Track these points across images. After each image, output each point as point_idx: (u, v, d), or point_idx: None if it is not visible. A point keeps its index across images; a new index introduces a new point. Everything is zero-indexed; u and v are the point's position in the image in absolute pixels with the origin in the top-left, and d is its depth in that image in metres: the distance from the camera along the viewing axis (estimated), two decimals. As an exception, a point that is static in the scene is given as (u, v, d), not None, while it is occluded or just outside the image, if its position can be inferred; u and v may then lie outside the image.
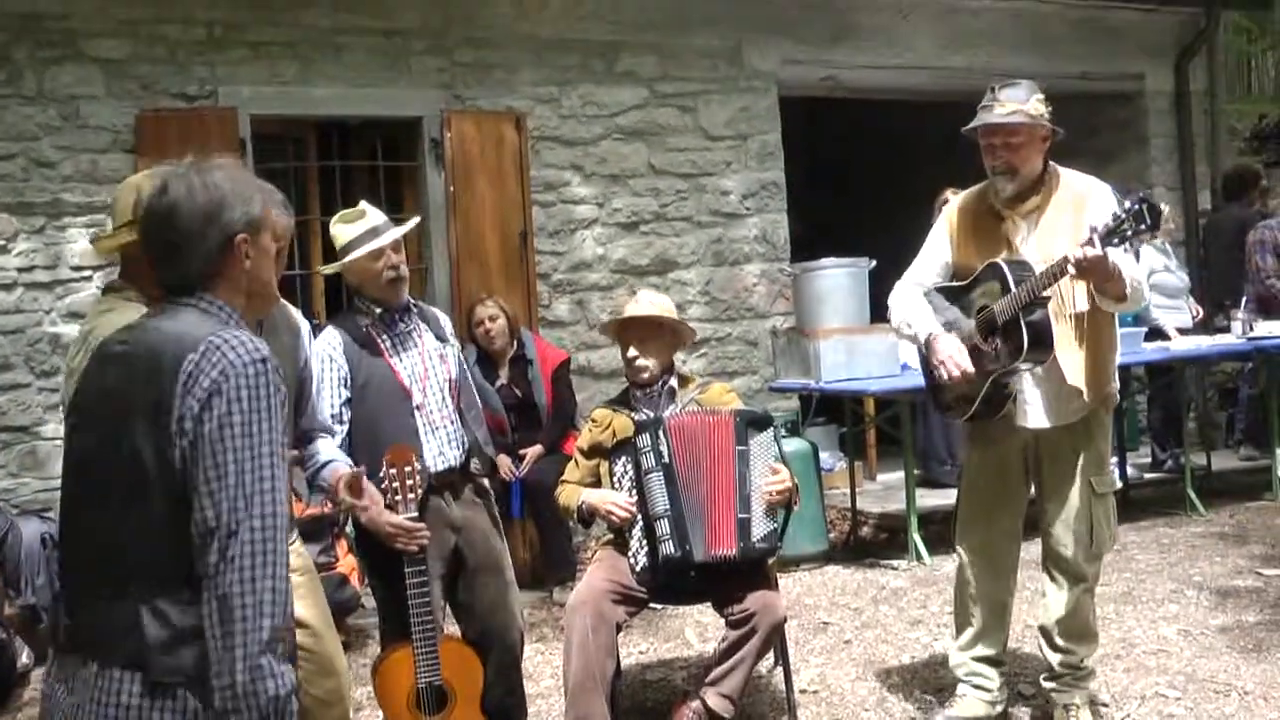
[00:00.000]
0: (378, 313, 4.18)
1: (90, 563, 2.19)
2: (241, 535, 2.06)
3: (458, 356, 4.39)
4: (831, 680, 5.19)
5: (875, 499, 8.20)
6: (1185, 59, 10.55)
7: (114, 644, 2.12)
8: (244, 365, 2.13)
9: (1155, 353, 7.94)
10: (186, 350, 2.13)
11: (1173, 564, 6.64)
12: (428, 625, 3.84)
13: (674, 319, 4.82)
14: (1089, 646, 4.42)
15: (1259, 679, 4.87)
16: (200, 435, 2.08)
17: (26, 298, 6.70)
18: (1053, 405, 4.27)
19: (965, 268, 4.38)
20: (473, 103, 7.73)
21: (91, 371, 2.30)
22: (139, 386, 2.15)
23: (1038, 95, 4.20)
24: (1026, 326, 4.05)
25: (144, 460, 2.11)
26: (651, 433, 4.48)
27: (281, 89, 7.25)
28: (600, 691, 4.25)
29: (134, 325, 2.34)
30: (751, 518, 4.42)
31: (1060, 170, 4.35)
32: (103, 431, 2.19)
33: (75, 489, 2.26)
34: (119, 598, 2.13)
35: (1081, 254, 3.87)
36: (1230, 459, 9.11)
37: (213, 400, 2.09)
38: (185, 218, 2.27)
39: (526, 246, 7.76)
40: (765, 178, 8.70)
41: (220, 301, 2.30)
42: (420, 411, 4.13)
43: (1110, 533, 4.39)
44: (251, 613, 2.05)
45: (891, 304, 4.55)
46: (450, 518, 4.13)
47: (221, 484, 2.08)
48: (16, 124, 6.66)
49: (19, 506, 6.45)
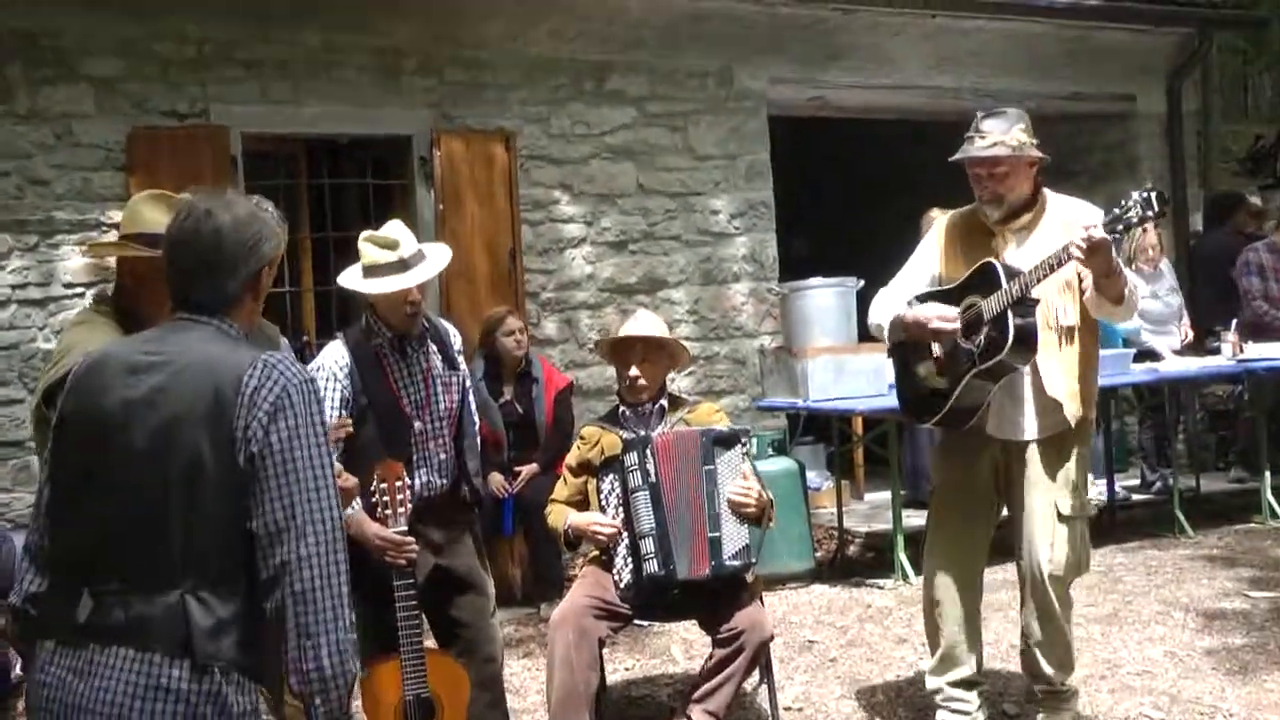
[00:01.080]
0: (389, 336, 4.17)
1: (130, 558, 2.30)
2: (312, 535, 2.28)
3: (462, 384, 4.36)
4: (816, 698, 5.22)
5: (862, 518, 8.22)
6: (1177, 80, 10.53)
7: (156, 632, 2.26)
8: (300, 383, 2.34)
9: (1145, 374, 7.93)
10: (241, 368, 2.32)
11: (1160, 585, 6.62)
12: (415, 638, 3.90)
13: (675, 340, 4.89)
14: (1069, 670, 4.41)
15: (1244, 701, 4.87)
16: (269, 445, 2.28)
17: (20, 314, 6.76)
18: (1029, 417, 4.28)
19: (952, 281, 4.39)
20: (462, 122, 7.79)
21: (112, 381, 2.38)
22: (192, 399, 2.30)
23: (1020, 125, 4.21)
24: (1014, 323, 4.06)
25: (204, 466, 2.28)
26: (639, 451, 4.50)
27: (273, 107, 7.30)
28: (584, 706, 4.30)
29: (154, 338, 2.48)
30: (722, 536, 4.44)
31: (1051, 194, 4.39)
32: (153, 436, 2.30)
33: (108, 488, 2.34)
34: (164, 589, 2.27)
35: (1087, 236, 3.87)
36: (1219, 481, 9.09)
37: (279, 415, 2.29)
38: (230, 244, 2.44)
39: (515, 265, 7.82)
40: (754, 197, 8.73)
41: (234, 324, 2.47)
42: (418, 439, 4.16)
43: (1081, 557, 4.36)
44: (332, 605, 2.29)
45: (872, 307, 4.58)
46: (433, 540, 4.16)
47: (294, 487, 2.28)
48: (10, 142, 6.73)
49: (12, 521, 6.51)
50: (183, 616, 2.25)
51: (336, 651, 2.28)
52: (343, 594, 2.32)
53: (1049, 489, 4.30)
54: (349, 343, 4.20)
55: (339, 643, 2.29)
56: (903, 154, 10.73)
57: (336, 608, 2.29)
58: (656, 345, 4.76)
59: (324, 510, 2.31)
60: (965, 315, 4.26)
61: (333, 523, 2.32)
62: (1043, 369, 4.22)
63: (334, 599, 2.29)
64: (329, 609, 2.28)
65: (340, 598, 2.31)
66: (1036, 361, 4.21)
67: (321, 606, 2.27)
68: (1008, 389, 4.28)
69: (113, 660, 2.27)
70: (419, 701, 3.92)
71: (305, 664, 2.27)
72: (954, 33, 9.35)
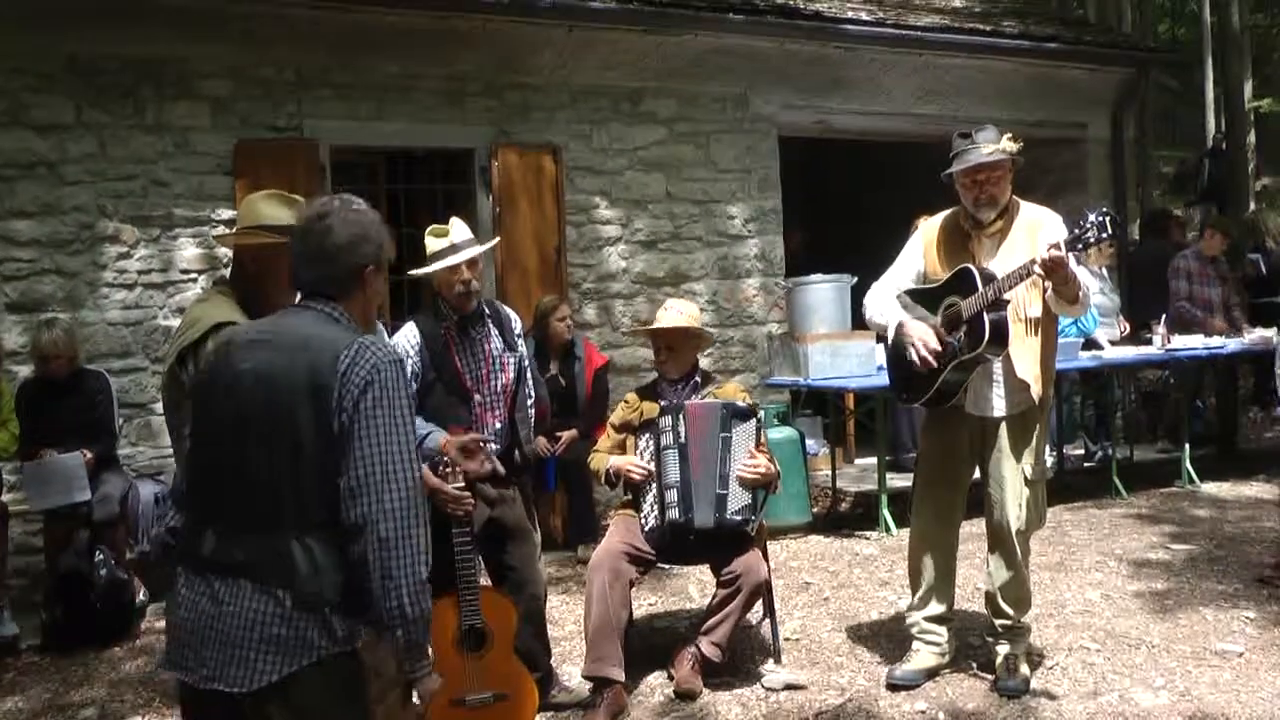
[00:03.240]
0: (455, 318, 4.15)
1: (246, 505, 2.32)
2: (392, 491, 2.27)
3: (519, 364, 4.32)
4: (811, 631, 5.21)
5: (852, 480, 8.20)
6: (1120, 110, 10.51)
7: (270, 568, 2.28)
8: (389, 363, 2.33)
9: (1090, 360, 7.96)
10: (340, 347, 2.32)
11: (1099, 539, 6.64)
12: (470, 577, 3.89)
13: (697, 328, 4.84)
14: (1025, 608, 4.45)
15: (1164, 635, 4.94)
16: (359, 413, 2.27)
17: (144, 296, 6.76)
18: (1002, 397, 4.28)
19: (934, 277, 4.39)
20: (517, 138, 7.75)
21: (238, 352, 2.41)
22: (295, 372, 2.30)
23: (1007, 136, 4.23)
24: (989, 322, 4.05)
25: (303, 428, 2.28)
26: (673, 416, 4.54)
27: (357, 124, 7.27)
28: (616, 636, 4.30)
29: (271, 320, 2.51)
30: (729, 494, 4.44)
31: (1020, 201, 4.37)
32: (263, 403, 2.32)
33: (229, 444, 2.35)
34: (273, 532, 2.28)
35: (1048, 255, 3.89)
36: (1149, 451, 9.10)
37: (368, 388, 2.29)
38: (336, 237, 2.44)
39: (560, 260, 7.79)
40: (765, 205, 8.69)
41: (345, 312, 2.46)
42: (476, 411, 4.13)
43: (1039, 514, 4.40)
44: (411, 552, 2.28)
45: (867, 301, 4.56)
46: (488, 495, 4.14)
47: (377, 449, 2.27)
48: (138, 150, 6.73)
49: (137, 470, 6.54)
50: (289, 557, 2.27)
51: (414, 592, 2.28)
52: (420, 544, 2.30)
53: (1017, 458, 4.32)
54: (420, 324, 4.18)
55: (416, 584, 2.28)
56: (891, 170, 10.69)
57: (415, 554, 2.29)
58: (683, 333, 4.76)
59: (403, 471, 2.29)
60: (946, 313, 4.26)
61: (411, 482, 2.30)
62: (1013, 355, 4.23)
63: (413, 547, 2.28)
64: (408, 555, 2.27)
65: (418, 547, 2.29)
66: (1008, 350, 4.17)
67: (402, 552, 2.26)
68: (982, 373, 4.29)
69: (234, 590, 2.29)
70: (473, 630, 3.92)
71: (389, 602, 2.27)
72: (938, 69, 9.32)
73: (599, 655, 4.27)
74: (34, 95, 6.51)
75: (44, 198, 6.52)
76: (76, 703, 4.80)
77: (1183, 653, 4.71)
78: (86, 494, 5.81)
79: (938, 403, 4.34)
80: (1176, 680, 4.42)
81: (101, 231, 6.65)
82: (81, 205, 6.60)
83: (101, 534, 5.83)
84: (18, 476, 6.11)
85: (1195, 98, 16.82)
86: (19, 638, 5.61)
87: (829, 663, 4.78)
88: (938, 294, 4.31)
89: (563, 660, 4.78)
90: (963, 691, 4.38)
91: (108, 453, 6.15)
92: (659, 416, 4.58)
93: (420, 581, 2.29)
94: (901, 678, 4.44)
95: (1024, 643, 4.47)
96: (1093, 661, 4.65)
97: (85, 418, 6.08)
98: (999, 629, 4.43)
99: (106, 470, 6.07)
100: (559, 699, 4.38)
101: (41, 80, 6.52)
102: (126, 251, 6.71)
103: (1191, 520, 6.73)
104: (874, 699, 4.36)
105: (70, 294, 6.58)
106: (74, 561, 5.65)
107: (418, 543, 2.29)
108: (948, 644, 4.56)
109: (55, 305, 6.52)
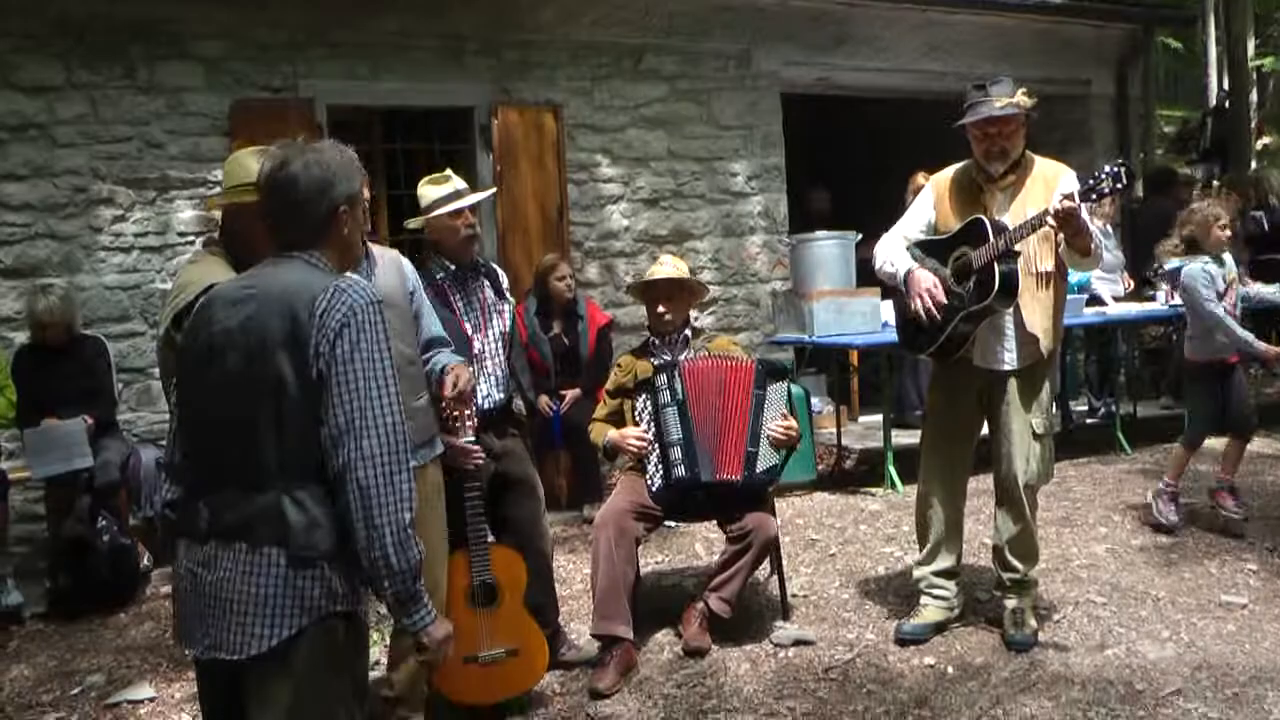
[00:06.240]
0: (451, 269, 4.16)
1: (235, 465, 2.26)
2: (372, 437, 2.20)
3: (512, 313, 4.36)
4: (818, 587, 5.23)
5: (857, 437, 8.20)
6: (1125, 67, 10.43)
7: (262, 528, 2.22)
8: (365, 304, 2.26)
9: (1094, 316, 7.96)
10: (315, 293, 2.25)
11: (1104, 494, 6.66)
12: (481, 533, 3.89)
13: (693, 279, 4.85)
14: (1032, 562, 4.47)
15: (1168, 588, 4.97)
16: (334, 358, 2.20)
17: (141, 259, 6.72)
18: (1011, 350, 4.26)
19: (945, 229, 4.36)
20: (517, 96, 7.69)
21: (217, 314, 2.34)
22: (276, 322, 2.24)
23: (1021, 90, 4.20)
24: (999, 273, 4.04)
25: (286, 381, 2.22)
26: (668, 373, 4.52)
27: (354, 83, 7.21)
28: (622, 594, 4.31)
29: (252, 274, 2.42)
30: (759, 452, 4.45)
31: (1034, 155, 4.35)
32: (246, 358, 2.26)
33: (216, 405, 2.30)
34: (264, 490, 2.23)
35: (1061, 206, 3.88)
36: (1153, 407, 9.08)
37: (344, 330, 2.21)
38: (301, 188, 2.36)
39: (562, 219, 7.75)
40: (768, 163, 8.63)
41: (322, 258, 2.39)
42: (478, 357, 4.13)
43: (1047, 468, 4.40)
44: (395, 499, 2.21)
45: (876, 250, 4.54)
46: (492, 447, 4.13)
47: (353, 395, 2.20)
48: (132, 111, 6.66)
49: (138, 436, 6.53)
50: (279, 514, 2.22)
51: (398, 540, 2.20)
52: (404, 490, 2.22)
53: (1025, 412, 4.32)
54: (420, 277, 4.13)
55: (401, 533, 2.21)
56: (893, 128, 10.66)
57: (398, 501, 2.21)
58: (679, 285, 4.75)
59: (384, 416, 2.21)
60: (957, 264, 4.24)
61: (393, 427, 2.22)
62: (1023, 308, 4.22)
63: (395, 493, 2.20)
64: (390, 502, 2.20)
65: (402, 493, 2.21)
66: (1018, 302, 4.18)
67: (384, 500, 2.19)
68: (991, 326, 4.27)
69: (230, 554, 2.25)
70: (484, 586, 3.92)
71: (372, 552, 2.20)
72: (942, 25, 9.24)
73: (607, 614, 4.27)
74: (22, 56, 6.43)
75: (35, 160, 6.46)
76: (83, 670, 4.81)
77: (1188, 605, 4.74)
78: (88, 460, 5.79)
79: (945, 354, 4.33)
80: (1182, 632, 4.45)
81: (95, 194, 6.59)
82: (74, 168, 6.54)
83: (104, 500, 5.82)
84: (17, 444, 6.10)
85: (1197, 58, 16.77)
86: (24, 606, 5.61)
87: (837, 618, 4.80)
88: (949, 245, 4.29)
89: (571, 619, 4.79)
90: (971, 645, 4.41)
91: (107, 418, 6.13)
92: (654, 375, 4.57)
93: (405, 529, 2.21)
94: (910, 632, 4.46)
95: (1031, 596, 4.49)
96: (1099, 615, 4.67)
97: (84, 384, 6.05)
98: (1006, 583, 4.45)
99: (107, 436, 6.05)
100: (568, 657, 4.39)
101: (29, 41, 6.44)
102: (122, 214, 6.66)
103: (1194, 475, 6.73)
104: (883, 654, 4.38)
105: (66, 258, 6.53)
106: (77, 528, 5.65)
107: (401, 489, 2.21)
108: (955, 598, 4.58)
109: (50, 270, 6.48)
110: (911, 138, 7.91)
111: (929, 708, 3.88)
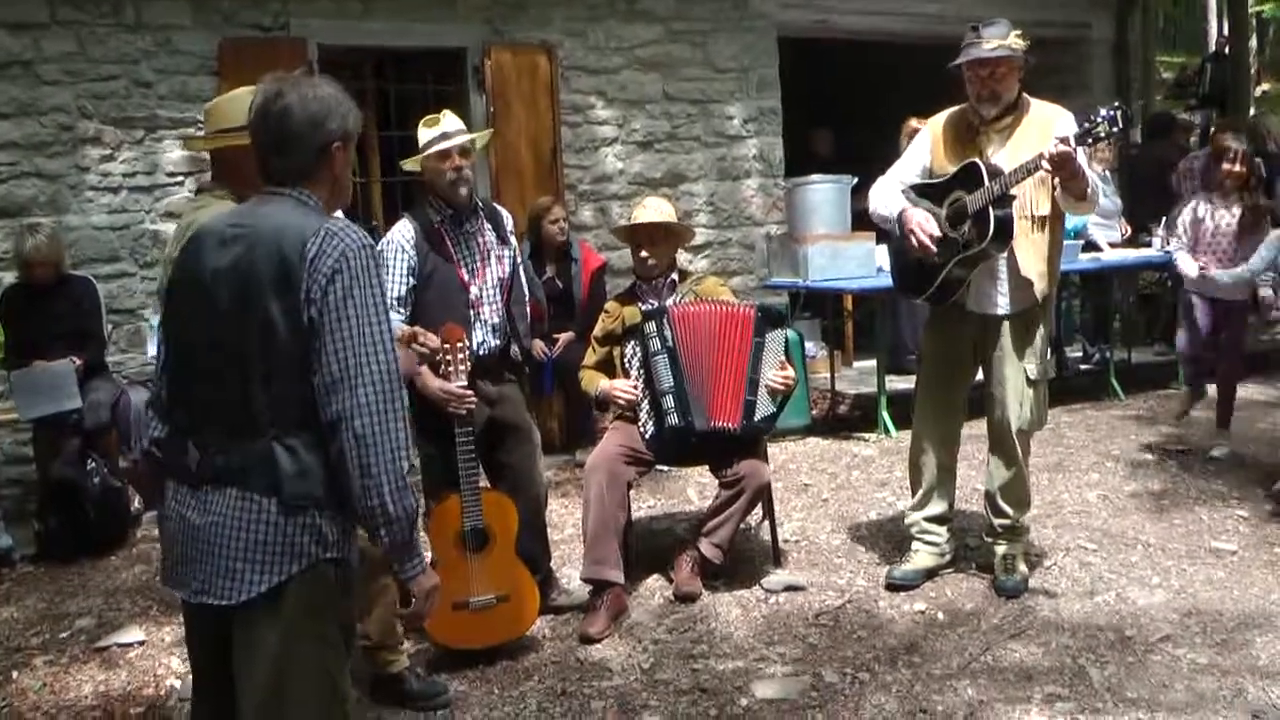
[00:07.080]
0: (448, 212, 4.10)
1: (224, 407, 2.22)
2: (366, 384, 2.15)
3: (513, 258, 4.29)
4: (810, 532, 5.23)
5: (851, 382, 8.18)
6: (1124, 11, 10.29)
7: (254, 475, 2.19)
8: (358, 249, 2.20)
9: (1089, 263, 7.93)
10: (306, 235, 2.19)
11: (1096, 440, 6.67)
12: (473, 478, 3.87)
13: (676, 222, 4.76)
14: (1024, 508, 4.47)
15: (1159, 535, 4.99)
16: (327, 304, 2.15)
17: (130, 199, 6.63)
18: (1005, 295, 4.23)
19: (940, 173, 4.31)
20: (510, 36, 7.57)
21: (206, 251, 2.28)
22: (263, 264, 2.18)
23: (1015, 32, 4.14)
24: (994, 217, 4.00)
25: (275, 326, 2.17)
26: (657, 321, 4.46)
27: (345, 22, 7.09)
28: (613, 538, 4.30)
29: (241, 212, 2.36)
30: (757, 401, 4.42)
31: (1031, 99, 4.30)
32: (235, 299, 2.21)
33: (204, 344, 2.26)
34: (255, 437, 2.20)
35: (1055, 150, 3.84)
36: (1146, 354, 9.08)
37: (336, 277, 2.16)
38: (296, 120, 2.29)
39: (556, 161, 7.66)
40: (764, 105, 8.53)
41: (313, 195, 2.33)
42: (474, 304, 4.08)
43: (1040, 414, 4.38)
44: (391, 447, 2.17)
45: (871, 194, 4.50)
46: (488, 394, 4.10)
47: (347, 341, 2.15)
48: (119, 49, 6.54)
49: (128, 377, 6.47)
50: (271, 461, 2.18)
51: (395, 489, 2.17)
52: (399, 438, 2.19)
53: (1019, 358, 4.30)
54: (415, 219, 4.13)
55: (397, 480, 2.18)
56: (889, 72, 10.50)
57: (395, 449, 2.17)
58: (662, 229, 4.67)
59: (378, 362, 2.17)
60: (952, 208, 4.19)
61: (387, 374, 2.18)
62: (1018, 252, 4.19)
63: (391, 442, 2.17)
64: (387, 450, 2.16)
65: (397, 441, 2.18)
66: (1012, 245, 4.14)
67: (380, 448, 2.15)
68: (986, 270, 4.24)
69: (222, 498, 2.22)
70: (475, 531, 3.91)
71: (369, 500, 2.17)
72: (939, -35, 9.07)
73: (598, 558, 4.27)
74: (5, -8, 6.29)
75: (20, 98, 6.34)
76: (72, 612, 4.80)
77: (1178, 551, 4.76)
78: (76, 402, 5.75)
79: (940, 298, 4.30)
80: (1172, 578, 4.47)
81: (82, 133, 6.49)
82: (61, 105, 6.43)
83: (93, 442, 5.80)
84: (5, 386, 6.05)
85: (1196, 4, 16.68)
86: (13, 548, 5.59)
87: (828, 564, 4.80)
88: (944, 189, 4.24)
89: (562, 564, 4.78)
90: (961, 591, 4.42)
91: (96, 360, 6.07)
92: (643, 322, 4.51)
93: (401, 477, 2.19)
94: (900, 578, 4.47)
95: (1022, 542, 4.50)
96: (1090, 561, 4.68)
97: (72, 325, 5.99)
98: (998, 529, 4.44)
99: (96, 378, 6.00)
100: (559, 602, 4.39)
101: (12, -23, 6.31)
102: (109, 154, 6.56)
103: (1187, 421, 6.77)
104: (873, 599, 4.39)
105: (53, 198, 6.44)
106: (66, 471, 5.62)
107: (397, 437, 2.18)
108: (947, 544, 4.58)
109: (38, 210, 6.39)
110: (911, 82, 7.80)
111: (919, 653, 3.89)
